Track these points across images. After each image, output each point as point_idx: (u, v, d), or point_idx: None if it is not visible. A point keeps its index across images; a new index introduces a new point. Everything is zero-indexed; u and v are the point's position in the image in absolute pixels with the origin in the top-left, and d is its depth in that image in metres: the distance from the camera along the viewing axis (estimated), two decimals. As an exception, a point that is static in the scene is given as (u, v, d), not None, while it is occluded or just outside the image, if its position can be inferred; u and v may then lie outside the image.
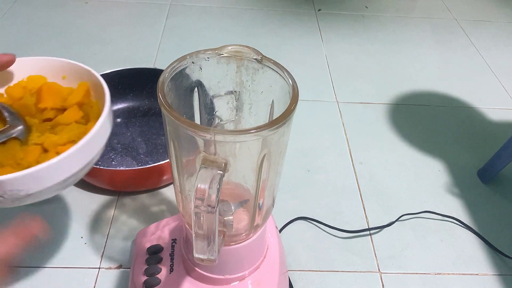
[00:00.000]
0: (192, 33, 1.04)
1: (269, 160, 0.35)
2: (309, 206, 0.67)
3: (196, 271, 0.44)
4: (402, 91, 0.93)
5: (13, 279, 0.55)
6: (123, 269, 0.57)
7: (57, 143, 0.38)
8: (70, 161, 0.35)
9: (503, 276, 0.61)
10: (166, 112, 0.32)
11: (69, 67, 0.43)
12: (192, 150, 0.35)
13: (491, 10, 1.28)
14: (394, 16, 1.20)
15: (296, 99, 0.34)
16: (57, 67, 0.43)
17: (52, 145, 0.38)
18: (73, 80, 0.43)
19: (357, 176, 0.73)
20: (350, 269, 0.60)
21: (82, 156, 0.36)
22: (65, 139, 0.38)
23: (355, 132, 0.81)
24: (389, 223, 0.65)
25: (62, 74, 0.43)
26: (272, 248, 0.48)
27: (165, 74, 0.35)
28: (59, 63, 0.43)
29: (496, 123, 0.87)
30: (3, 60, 0.40)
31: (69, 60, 0.43)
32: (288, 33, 1.08)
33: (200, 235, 0.33)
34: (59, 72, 0.43)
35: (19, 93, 0.41)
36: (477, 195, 0.72)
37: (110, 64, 0.91)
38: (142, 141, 0.73)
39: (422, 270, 0.60)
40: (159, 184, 0.66)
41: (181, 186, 0.39)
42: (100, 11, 1.09)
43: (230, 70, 0.38)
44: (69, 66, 0.43)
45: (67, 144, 0.38)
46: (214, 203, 0.30)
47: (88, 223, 0.62)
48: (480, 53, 1.08)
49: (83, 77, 0.43)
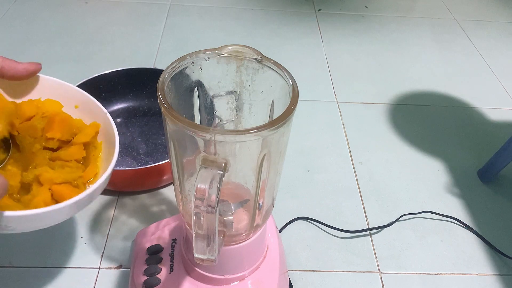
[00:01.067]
0: (192, 33, 1.04)
1: (269, 160, 0.35)
2: (309, 206, 0.67)
3: (196, 271, 0.44)
4: (402, 91, 0.93)
5: (13, 279, 0.55)
6: (123, 269, 0.57)
7: (53, 181, 0.37)
8: (65, 210, 0.34)
9: (503, 276, 0.61)
10: (166, 112, 0.32)
11: (85, 100, 0.42)
12: (192, 150, 0.35)
13: (491, 10, 1.28)
14: (394, 16, 1.20)
15: (296, 99, 0.34)
16: (73, 95, 0.43)
17: (48, 181, 0.37)
18: (85, 112, 0.43)
19: (357, 176, 0.73)
20: (350, 269, 0.60)
21: (77, 207, 0.36)
22: (62, 178, 0.38)
23: (355, 132, 0.81)
24: (389, 223, 0.65)
25: (75, 103, 0.43)
26: (272, 248, 0.48)
27: (165, 74, 0.35)
28: (77, 93, 0.43)
29: (496, 123, 0.87)
30: (30, 70, 0.39)
31: (88, 95, 0.42)
32: (288, 33, 1.08)
33: (200, 235, 0.33)
34: (73, 100, 0.43)
35: (31, 112, 0.41)
36: (477, 195, 0.72)
37: (110, 64, 0.91)
38: (142, 141, 0.73)
39: (422, 270, 0.60)
40: (159, 184, 0.66)
41: (181, 186, 0.39)
42: (100, 11, 1.09)
43: (230, 70, 0.38)
44: (85, 99, 0.42)
45: (62, 184, 0.38)
46: (214, 203, 0.30)
47: (88, 223, 0.62)
48: (480, 53, 1.08)
49: (95, 115, 0.42)
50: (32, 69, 0.39)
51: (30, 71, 0.39)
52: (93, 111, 0.42)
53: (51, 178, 0.37)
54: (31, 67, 0.39)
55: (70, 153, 0.40)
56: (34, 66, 0.39)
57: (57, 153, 0.40)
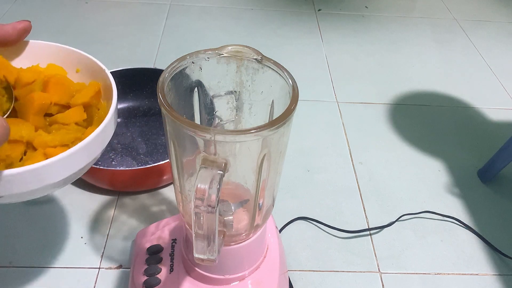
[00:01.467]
0: (192, 33, 1.04)
1: (269, 160, 0.35)
2: (309, 206, 0.67)
3: (196, 271, 0.44)
4: (402, 91, 0.93)
5: (13, 279, 0.55)
6: (123, 269, 0.57)
7: (47, 144, 0.34)
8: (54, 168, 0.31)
9: (503, 276, 0.61)
10: (166, 112, 0.32)
11: (86, 62, 0.40)
12: (192, 150, 0.35)
13: (491, 10, 1.28)
14: (394, 16, 1.20)
15: (296, 99, 0.34)
16: (73, 59, 0.40)
17: (42, 145, 0.34)
18: (87, 75, 0.40)
19: (357, 176, 0.73)
20: (350, 269, 0.60)
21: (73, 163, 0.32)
22: (57, 141, 0.35)
23: (355, 132, 0.81)
24: (389, 223, 0.65)
25: (77, 66, 0.40)
26: (272, 248, 0.48)
27: (165, 74, 0.35)
28: (76, 55, 0.40)
29: (496, 123, 0.87)
30: (18, 27, 0.36)
31: (87, 55, 0.40)
32: (288, 33, 1.08)
33: (200, 235, 0.33)
34: (74, 64, 0.40)
35: (28, 78, 0.38)
36: (477, 195, 0.72)
37: (110, 64, 0.90)
38: (142, 141, 0.73)
39: (422, 270, 0.60)
40: (159, 184, 0.66)
41: (181, 186, 0.39)
42: (100, 11, 1.09)
43: (230, 70, 0.38)
44: (85, 60, 0.40)
45: (58, 147, 0.35)
46: (214, 203, 0.30)
47: (88, 223, 0.62)
48: (480, 53, 1.08)
49: (96, 75, 0.39)
50: (21, 27, 0.36)
51: (19, 29, 0.36)
52: (95, 70, 0.39)
53: (45, 141, 0.34)
54: (20, 24, 0.36)
55: (68, 116, 0.37)
56: (23, 23, 0.36)
57: (55, 117, 0.37)
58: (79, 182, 0.66)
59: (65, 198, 0.65)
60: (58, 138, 0.35)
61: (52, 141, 0.35)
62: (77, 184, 0.66)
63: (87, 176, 0.64)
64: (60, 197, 0.65)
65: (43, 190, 0.32)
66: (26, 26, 0.37)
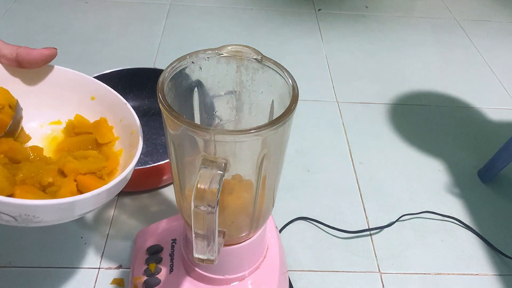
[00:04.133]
0: (192, 33, 1.04)
1: (269, 160, 0.35)
2: (309, 206, 0.67)
3: (196, 271, 0.44)
4: (402, 91, 0.93)
5: (13, 279, 0.55)
6: (123, 269, 0.57)
7: (78, 171, 0.37)
8: (98, 198, 0.33)
9: (503, 276, 0.61)
10: (166, 112, 0.32)
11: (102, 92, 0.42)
12: (192, 150, 0.35)
13: (491, 10, 1.28)
14: (394, 16, 1.20)
15: (296, 99, 0.34)
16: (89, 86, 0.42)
17: (73, 171, 0.37)
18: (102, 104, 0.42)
19: (357, 176, 0.73)
20: (350, 269, 0.60)
21: (108, 195, 0.35)
22: (86, 168, 0.37)
23: (355, 132, 0.81)
24: (389, 223, 0.65)
25: (92, 94, 0.43)
26: (272, 248, 0.48)
27: (165, 74, 0.35)
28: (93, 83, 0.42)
29: (496, 123, 0.87)
30: (44, 54, 0.38)
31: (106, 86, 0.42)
32: (288, 33, 1.08)
33: (200, 235, 0.33)
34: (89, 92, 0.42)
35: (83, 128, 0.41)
36: (477, 195, 0.72)
37: (110, 64, 0.90)
38: (142, 141, 0.73)
39: (422, 270, 0.60)
40: (159, 184, 0.66)
41: (181, 186, 0.39)
42: (100, 11, 1.09)
43: (230, 70, 0.38)
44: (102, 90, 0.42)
45: (87, 174, 0.37)
46: (214, 203, 0.30)
47: (88, 223, 0.62)
48: (480, 53, 1.08)
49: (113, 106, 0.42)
50: (47, 53, 0.38)
51: (45, 55, 0.38)
52: (111, 101, 0.42)
53: (76, 168, 0.37)
54: (46, 51, 0.38)
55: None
56: (49, 50, 0.39)
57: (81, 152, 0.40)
58: (79, 182, 0.66)
59: (65, 198, 0.65)
60: (87, 166, 0.37)
61: (82, 169, 0.37)
62: (77, 184, 0.66)
63: (87, 176, 0.64)
64: (60, 197, 0.65)
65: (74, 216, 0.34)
66: (52, 53, 0.39)
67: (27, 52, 0.38)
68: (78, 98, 0.43)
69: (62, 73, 0.42)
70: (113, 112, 0.42)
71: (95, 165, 0.38)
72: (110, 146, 0.41)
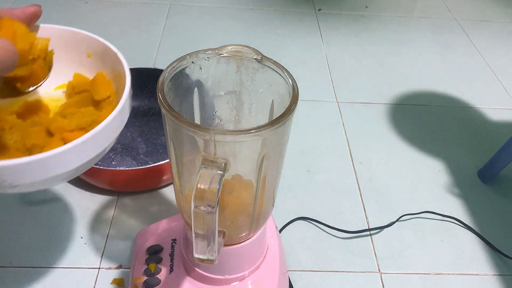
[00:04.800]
0: (192, 33, 1.04)
1: (269, 160, 0.35)
2: (309, 206, 0.67)
3: (196, 271, 0.44)
4: (402, 91, 0.93)
5: (13, 279, 0.55)
6: (123, 269, 0.57)
7: (64, 129, 0.34)
8: (79, 151, 0.30)
9: (503, 276, 0.61)
10: (166, 112, 0.32)
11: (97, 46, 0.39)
12: (192, 150, 0.35)
13: (491, 10, 1.28)
14: (394, 16, 1.20)
15: (296, 99, 0.34)
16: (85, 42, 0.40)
17: (59, 130, 0.34)
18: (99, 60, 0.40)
19: (357, 176, 0.73)
20: (350, 269, 0.60)
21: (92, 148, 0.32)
22: (74, 125, 0.34)
23: (355, 132, 0.81)
24: (389, 224, 0.65)
25: (88, 50, 0.40)
26: (272, 248, 0.48)
27: (165, 74, 0.35)
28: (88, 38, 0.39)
29: (496, 123, 0.87)
30: (27, 11, 0.35)
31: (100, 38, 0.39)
32: (288, 33, 1.08)
33: (200, 235, 0.33)
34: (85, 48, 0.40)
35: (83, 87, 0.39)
36: (477, 195, 0.72)
37: (110, 64, 0.90)
38: (142, 141, 0.73)
39: (422, 270, 0.60)
40: (159, 184, 0.66)
41: (181, 186, 0.39)
42: (100, 11, 1.09)
43: (230, 70, 0.38)
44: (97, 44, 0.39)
45: (76, 131, 0.34)
46: (214, 203, 0.30)
47: (88, 223, 0.62)
48: (480, 53, 1.08)
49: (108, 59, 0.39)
50: (30, 11, 0.35)
51: (28, 13, 0.35)
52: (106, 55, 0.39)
53: (62, 126, 0.34)
54: (29, 8, 0.35)
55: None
56: (33, 7, 0.35)
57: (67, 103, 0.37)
58: (79, 182, 0.66)
59: (65, 198, 0.65)
60: (74, 122, 0.35)
61: (68, 125, 0.34)
62: (77, 184, 0.66)
63: (87, 176, 0.64)
64: (60, 197, 0.65)
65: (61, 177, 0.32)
66: (36, 11, 0.36)
67: (10, 13, 0.34)
68: (75, 56, 0.40)
69: (52, 31, 0.39)
70: (110, 66, 0.39)
71: (83, 119, 0.35)
72: (109, 102, 0.38)
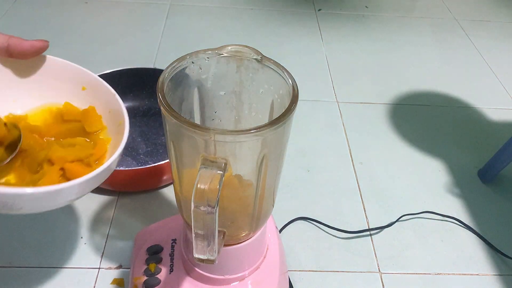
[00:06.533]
0: (192, 33, 1.04)
1: (269, 160, 0.35)
2: (309, 206, 0.67)
3: (196, 271, 0.44)
4: (402, 91, 0.93)
5: (13, 279, 0.55)
6: (123, 269, 0.57)
7: (65, 159, 0.36)
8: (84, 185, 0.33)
9: (503, 276, 0.61)
10: (166, 112, 0.32)
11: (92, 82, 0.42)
12: (192, 150, 0.35)
13: (491, 10, 1.28)
14: (394, 16, 1.20)
15: (296, 99, 0.34)
16: (80, 76, 0.42)
17: (59, 159, 0.36)
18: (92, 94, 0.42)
19: (357, 176, 0.73)
20: (350, 269, 0.60)
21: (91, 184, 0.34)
22: (74, 156, 0.37)
23: (355, 132, 0.81)
24: (389, 224, 0.65)
25: (82, 84, 0.42)
26: (272, 248, 0.48)
27: (165, 74, 0.35)
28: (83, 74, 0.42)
29: (496, 123, 0.87)
30: (36, 46, 0.38)
31: (96, 76, 0.42)
32: (288, 33, 1.08)
33: (200, 235, 0.33)
34: (80, 82, 0.42)
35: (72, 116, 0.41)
36: (478, 195, 0.72)
37: (110, 64, 0.90)
38: (142, 141, 0.73)
39: (422, 270, 0.60)
40: (159, 184, 0.66)
41: (181, 186, 0.39)
42: (100, 11, 1.09)
43: (230, 70, 0.38)
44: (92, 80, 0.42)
45: (75, 162, 0.37)
46: (214, 203, 0.30)
47: (88, 223, 0.62)
48: (480, 53, 1.08)
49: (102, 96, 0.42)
50: (38, 46, 0.39)
51: (36, 47, 0.39)
52: (101, 92, 0.41)
53: (63, 156, 0.36)
54: (38, 43, 0.39)
55: None
56: (41, 43, 0.39)
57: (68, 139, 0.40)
58: (79, 182, 0.66)
59: (65, 198, 0.65)
60: (74, 154, 0.37)
61: (69, 156, 0.37)
62: (77, 184, 0.66)
63: (87, 176, 0.64)
64: (60, 197, 0.65)
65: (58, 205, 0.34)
66: (43, 46, 0.39)
67: (19, 42, 0.38)
68: (69, 87, 0.42)
69: (53, 63, 0.42)
70: (103, 103, 0.42)
71: (83, 152, 0.38)
72: (98, 135, 0.41)
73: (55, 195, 0.31)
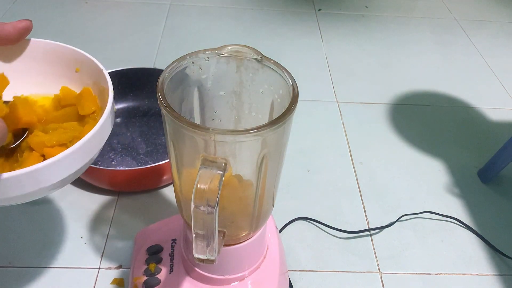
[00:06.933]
0: (192, 33, 1.04)
1: (269, 160, 0.35)
2: (309, 206, 0.67)
3: (196, 271, 0.44)
4: (402, 91, 0.93)
5: (13, 279, 0.55)
6: (123, 269, 0.57)
7: (44, 144, 0.34)
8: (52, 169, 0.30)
9: (503, 276, 0.61)
10: (166, 112, 0.32)
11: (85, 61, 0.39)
12: (192, 150, 0.35)
13: (491, 10, 1.28)
14: (394, 16, 1.20)
15: (296, 99, 0.34)
16: (73, 58, 0.40)
17: (39, 145, 0.34)
18: (86, 75, 0.40)
19: (357, 176, 0.73)
20: (350, 269, 0.60)
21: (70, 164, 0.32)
22: (54, 141, 0.34)
23: (355, 132, 0.81)
24: (389, 224, 0.65)
25: (76, 66, 0.40)
26: (272, 248, 0.48)
27: (165, 74, 0.35)
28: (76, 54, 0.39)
29: (496, 123, 0.87)
30: (18, 26, 0.35)
31: (87, 54, 0.39)
32: (288, 33, 1.08)
33: (200, 235, 0.33)
34: (74, 64, 0.40)
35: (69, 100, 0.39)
36: (478, 195, 0.72)
37: (110, 64, 0.90)
38: (142, 141, 0.73)
39: (422, 270, 0.60)
40: (159, 184, 0.66)
41: (181, 186, 0.39)
42: (100, 11, 1.09)
43: (230, 70, 0.38)
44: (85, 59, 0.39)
45: (56, 147, 0.34)
46: (214, 203, 0.30)
47: (88, 223, 0.62)
48: (480, 53, 1.08)
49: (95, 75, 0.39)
50: (21, 26, 0.36)
51: (19, 28, 0.36)
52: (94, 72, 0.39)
53: (43, 142, 0.34)
54: (20, 23, 0.36)
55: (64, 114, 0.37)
56: (24, 23, 0.36)
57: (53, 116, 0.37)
58: (79, 182, 0.66)
59: (65, 198, 0.65)
60: (55, 138, 0.34)
61: (49, 141, 0.34)
62: (77, 184, 0.66)
63: (87, 176, 0.64)
64: (60, 197, 0.65)
65: (41, 192, 0.32)
66: (27, 26, 0.36)
67: (1, 28, 0.35)
68: (63, 71, 0.40)
69: (42, 46, 0.39)
70: (97, 82, 0.39)
71: (64, 135, 0.35)
72: (93, 117, 0.38)
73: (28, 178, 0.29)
